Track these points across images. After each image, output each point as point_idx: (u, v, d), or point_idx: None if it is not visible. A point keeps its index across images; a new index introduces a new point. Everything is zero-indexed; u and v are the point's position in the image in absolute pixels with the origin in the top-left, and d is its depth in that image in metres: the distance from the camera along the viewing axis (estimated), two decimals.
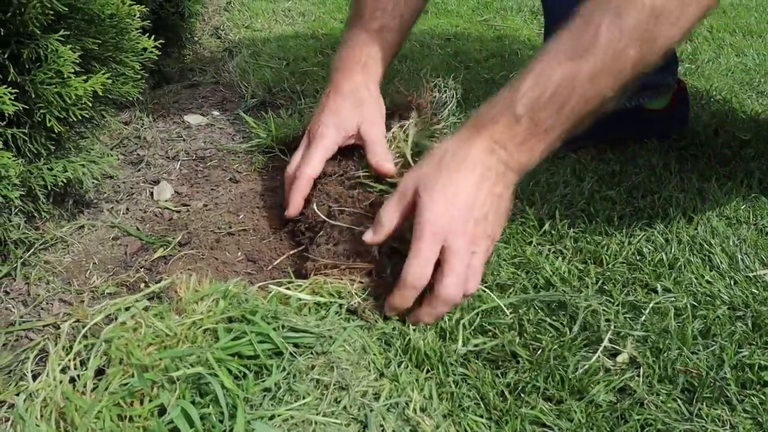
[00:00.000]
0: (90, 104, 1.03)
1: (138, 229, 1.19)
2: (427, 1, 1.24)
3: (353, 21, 1.19)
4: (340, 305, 0.91)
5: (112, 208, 1.25)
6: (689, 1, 0.84)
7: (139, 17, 1.13)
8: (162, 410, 0.73)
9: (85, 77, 1.01)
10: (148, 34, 1.17)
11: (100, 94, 1.02)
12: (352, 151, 1.18)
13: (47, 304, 1.00)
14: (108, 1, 1.02)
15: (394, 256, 0.96)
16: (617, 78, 0.86)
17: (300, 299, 0.91)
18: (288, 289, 0.94)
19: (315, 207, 1.08)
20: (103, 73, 1.03)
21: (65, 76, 0.98)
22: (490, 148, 0.89)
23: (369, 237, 0.93)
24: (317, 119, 1.16)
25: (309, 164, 1.12)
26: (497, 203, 0.90)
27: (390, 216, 0.92)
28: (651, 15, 0.83)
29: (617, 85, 0.87)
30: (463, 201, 0.87)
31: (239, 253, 1.12)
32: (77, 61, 0.98)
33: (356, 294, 0.93)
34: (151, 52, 1.16)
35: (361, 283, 0.95)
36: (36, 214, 1.10)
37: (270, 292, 0.93)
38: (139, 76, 1.16)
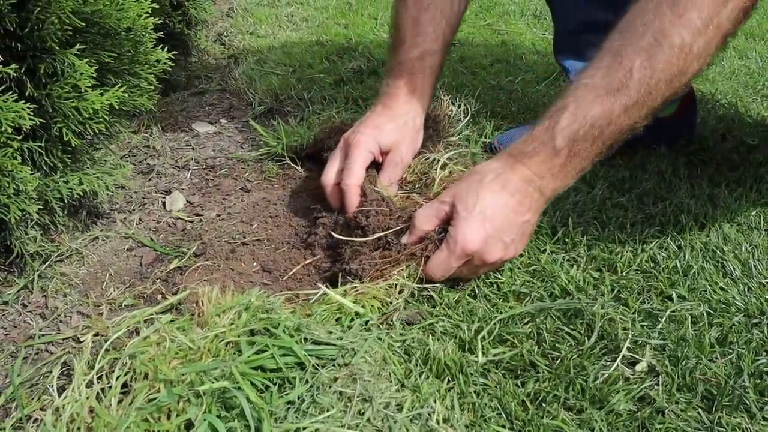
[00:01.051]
0: (106, 118, 1.03)
1: (152, 239, 1.19)
2: (464, 14, 1.27)
3: (397, 47, 1.21)
4: (360, 316, 0.92)
5: (125, 218, 1.25)
6: (713, 35, 0.89)
7: (152, 29, 1.14)
8: (189, 425, 0.73)
9: (101, 91, 1.02)
10: (159, 44, 1.18)
11: (116, 107, 1.03)
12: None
13: (65, 316, 1.01)
14: (124, 15, 1.03)
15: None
16: (649, 108, 0.93)
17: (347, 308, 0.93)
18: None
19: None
20: (119, 87, 1.04)
21: (82, 90, 0.98)
22: (529, 177, 0.96)
23: (405, 239, 1.03)
24: (357, 129, 1.19)
25: (353, 174, 1.14)
26: (526, 229, 1.00)
27: (425, 221, 1.00)
28: (680, 53, 0.89)
29: (648, 114, 0.94)
30: (498, 225, 0.96)
31: (254, 264, 1.12)
32: (93, 75, 0.99)
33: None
34: (165, 63, 1.17)
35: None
36: (52, 227, 1.11)
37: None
38: (153, 88, 1.16)
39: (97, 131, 1.02)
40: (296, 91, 1.75)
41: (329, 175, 1.18)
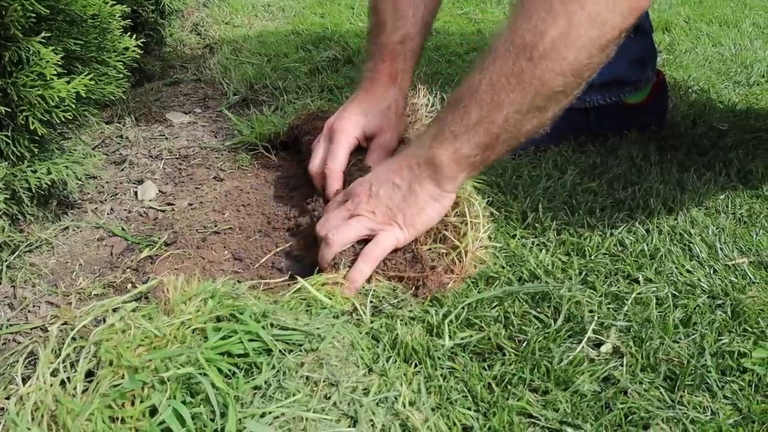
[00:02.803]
0: (73, 106, 1.02)
1: (123, 229, 1.19)
2: None
3: (378, 31, 1.21)
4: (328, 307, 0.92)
5: (96, 208, 1.25)
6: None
7: (120, 16, 1.13)
8: (153, 411, 0.73)
9: (67, 78, 1.01)
10: (128, 32, 1.17)
11: (83, 95, 1.02)
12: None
13: (34, 306, 1.00)
14: (89, 2, 1.02)
15: None
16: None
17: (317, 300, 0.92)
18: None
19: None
20: (86, 74, 1.03)
21: (48, 78, 0.98)
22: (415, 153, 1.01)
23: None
24: (341, 115, 1.19)
25: (336, 159, 1.15)
26: (398, 194, 1.00)
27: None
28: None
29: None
30: (373, 174, 1.04)
31: (225, 252, 1.12)
32: (59, 63, 0.98)
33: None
34: (133, 51, 1.16)
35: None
36: (20, 217, 1.10)
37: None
38: (122, 76, 1.16)
39: (64, 120, 1.02)
40: (271, 81, 1.74)
41: (315, 163, 1.19)
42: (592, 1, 0.85)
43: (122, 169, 1.38)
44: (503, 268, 1.02)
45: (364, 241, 1.00)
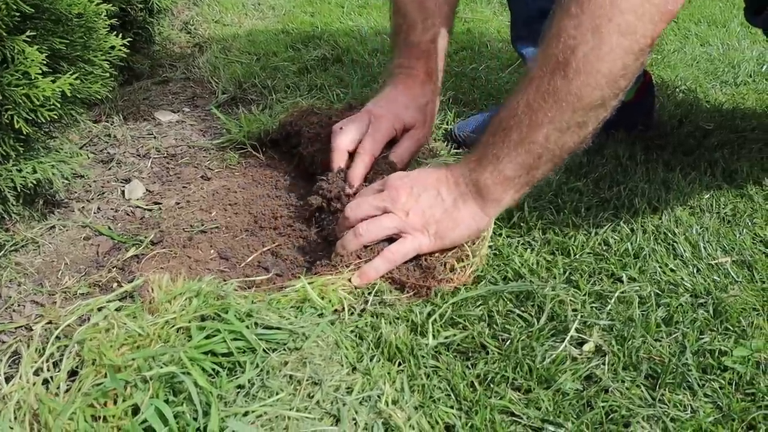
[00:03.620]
0: (58, 105, 1.02)
1: (109, 228, 1.19)
2: None
3: (408, 30, 1.21)
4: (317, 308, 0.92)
5: (83, 207, 1.24)
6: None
7: (106, 15, 1.13)
8: (136, 410, 0.73)
9: (53, 77, 1.01)
10: (116, 31, 1.17)
11: (69, 94, 1.02)
12: None
13: (19, 306, 1.00)
14: (75, 1, 1.02)
15: None
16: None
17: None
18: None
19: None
20: (72, 74, 1.03)
21: (32, 77, 0.97)
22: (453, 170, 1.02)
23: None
24: (379, 103, 1.20)
25: (375, 142, 1.14)
26: (438, 202, 0.99)
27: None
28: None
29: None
30: (413, 177, 1.02)
31: (212, 251, 1.12)
32: (44, 62, 0.98)
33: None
34: (120, 50, 1.16)
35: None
36: (6, 216, 1.10)
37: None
38: (108, 75, 1.16)
39: (49, 119, 1.02)
40: (260, 80, 1.74)
41: (345, 140, 1.15)
42: (620, 12, 0.85)
43: (110, 168, 1.38)
44: (489, 267, 1.02)
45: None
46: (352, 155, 1.16)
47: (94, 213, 1.23)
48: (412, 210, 0.99)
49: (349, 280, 0.97)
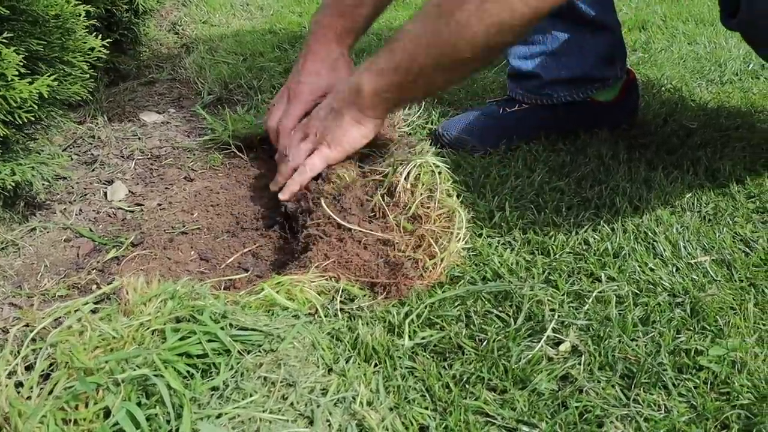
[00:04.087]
0: (36, 106, 1.02)
1: (91, 230, 1.19)
2: None
3: None
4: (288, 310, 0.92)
5: (64, 209, 1.24)
6: None
7: (86, 16, 1.12)
8: (108, 413, 0.73)
9: (30, 79, 1.01)
10: (99, 32, 1.17)
11: (47, 96, 1.02)
12: None
13: None
14: (52, 2, 1.02)
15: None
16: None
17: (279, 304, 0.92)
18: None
19: (324, 205, 1.08)
20: (49, 75, 1.03)
21: (9, 78, 0.97)
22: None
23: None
24: (296, 78, 1.29)
25: (291, 118, 1.25)
26: (337, 114, 1.13)
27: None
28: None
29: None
30: None
31: (192, 253, 1.12)
32: (21, 63, 0.98)
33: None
34: (99, 51, 1.16)
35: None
36: None
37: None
38: (88, 76, 1.15)
39: (26, 120, 1.01)
40: (246, 80, 1.74)
41: (272, 120, 1.29)
42: None
43: (93, 170, 1.38)
44: (468, 267, 1.02)
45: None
46: None
47: (76, 215, 1.23)
48: (317, 128, 1.15)
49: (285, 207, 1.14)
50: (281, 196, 1.14)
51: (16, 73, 0.97)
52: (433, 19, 0.99)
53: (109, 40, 1.17)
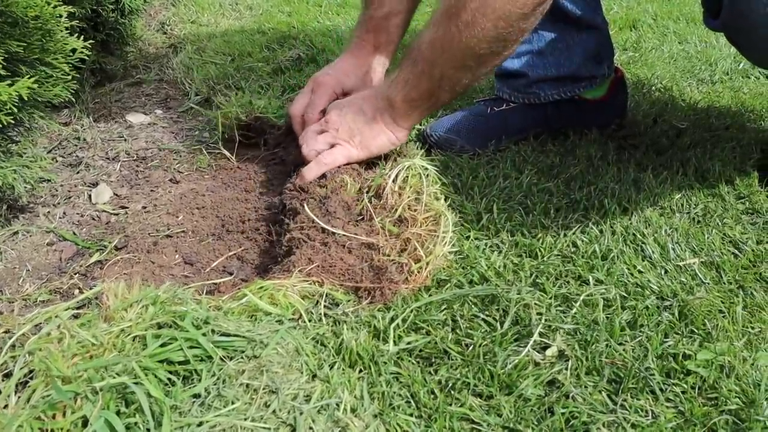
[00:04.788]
0: (16, 109, 1.00)
1: (74, 233, 1.17)
2: None
3: (367, 3, 1.31)
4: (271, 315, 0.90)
5: (48, 212, 1.23)
6: None
7: (70, 17, 1.11)
8: (86, 422, 0.72)
9: (10, 81, 0.99)
10: (85, 32, 1.15)
11: (27, 98, 1.00)
12: None
13: None
14: (31, 3, 1.00)
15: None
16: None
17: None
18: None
19: (308, 209, 1.06)
20: (30, 77, 1.01)
21: None
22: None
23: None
24: (326, 72, 1.32)
25: (315, 109, 1.26)
26: (369, 117, 1.15)
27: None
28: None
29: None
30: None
31: (176, 256, 1.11)
32: (1, 66, 0.96)
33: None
34: (81, 52, 1.14)
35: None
36: None
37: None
38: (70, 77, 1.14)
39: (6, 123, 1.00)
40: (234, 81, 1.73)
41: (297, 107, 1.30)
42: None
43: (77, 172, 1.36)
44: (455, 270, 1.01)
45: None
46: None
47: (60, 218, 1.21)
48: (340, 126, 1.16)
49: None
50: (295, 181, 1.15)
51: None
52: (443, 23, 1.02)
53: (94, 41, 1.15)
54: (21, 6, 0.98)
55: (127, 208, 1.24)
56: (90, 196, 1.29)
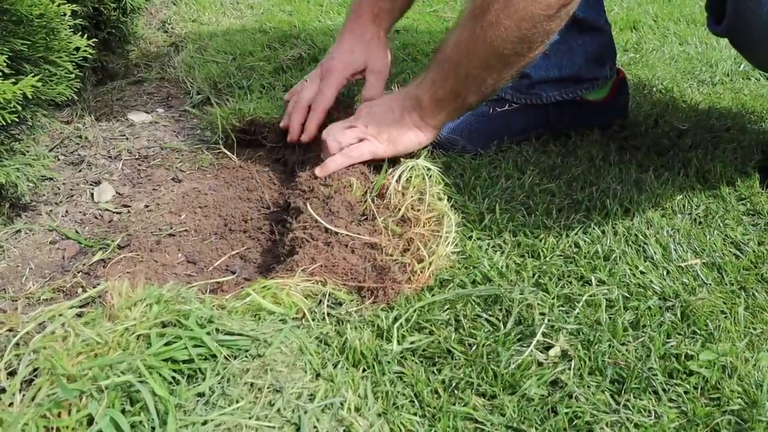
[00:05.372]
0: (20, 107, 1.00)
1: (77, 232, 1.17)
2: None
3: None
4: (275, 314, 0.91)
5: (50, 210, 1.23)
6: None
7: (72, 15, 1.11)
8: (91, 420, 0.72)
9: (14, 79, 0.99)
10: (87, 31, 1.15)
11: (31, 97, 1.00)
12: None
13: None
14: (36, 2, 1.00)
15: None
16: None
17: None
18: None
19: (311, 209, 1.07)
20: (34, 75, 1.01)
21: None
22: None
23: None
24: (330, 55, 1.33)
25: (324, 99, 1.28)
26: (398, 115, 1.16)
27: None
28: None
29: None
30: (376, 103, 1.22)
31: (179, 255, 1.11)
32: (5, 64, 0.96)
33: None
34: (85, 50, 1.14)
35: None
36: None
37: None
38: (73, 76, 1.14)
39: (10, 121, 1.00)
40: (235, 80, 1.72)
41: (306, 95, 1.30)
42: None
43: (80, 170, 1.36)
44: (457, 270, 1.01)
45: None
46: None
47: (62, 216, 1.22)
48: (369, 122, 1.17)
49: (315, 176, 1.15)
50: (317, 171, 1.14)
51: (0, 73, 0.96)
52: (469, 24, 1.03)
53: (96, 39, 1.16)
54: (26, 4, 0.98)
55: (130, 206, 1.24)
56: (92, 194, 1.29)
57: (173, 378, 0.78)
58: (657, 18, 2.28)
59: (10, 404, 0.75)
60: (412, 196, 1.07)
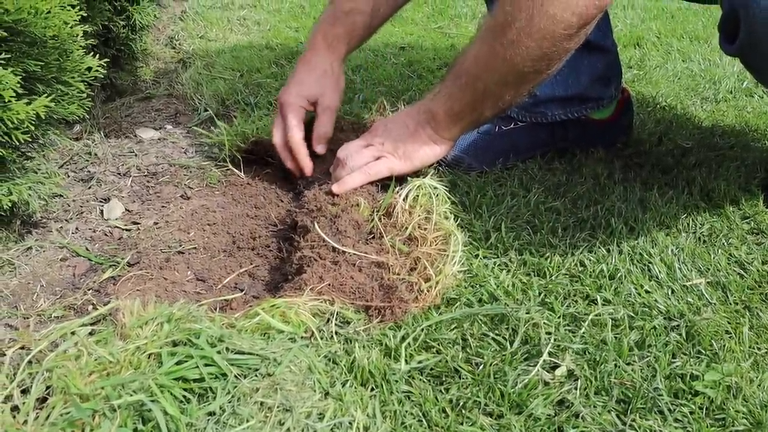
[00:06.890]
0: (33, 127, 1.02)
1: (87, 249, 1.18)
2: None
3: (332, 1, 1.35)
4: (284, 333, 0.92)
5: (61, 227, 1.24)
6: None
7: (84, 36, 1.13)
8: None
9: (27, 100, 1.01)
10: (96, 48, 1.17)
11: (44, 117, 1.02)
12: None
13: None
14: (49, 24, 1.02)
15: None
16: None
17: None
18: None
19: (318, 228, 1.07)
20: (47, 96, 1.03)
21: (6, 100, 0.97)
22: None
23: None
24: (285, 89, 1.34)
25: (293, 130, 1.30)
26: (412, 130, 1.17)
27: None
28: None
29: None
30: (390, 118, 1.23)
31: (188, 273, 1.12)
32: (19, 84, 0.98)
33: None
34: (97, 70, 1.16)
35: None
36: None
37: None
38: (85, 95, 1.16)
39: (23, 141, 1.01)
40: (242, 96, 1.74)
41: (277, 137, 1.33)
42: (549, 2, 0.96)
43: (89, 187, 1.38)
44: (464, 289, 1.02)
45: None
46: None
47: (72, 233, 1.23)
48: (385, 139, 1.17)
49: (330, 193, 1.15)
50: (335, 188, 1.15)
51: (13, 94, 0.97)
52: (489, 40, 1.04)
53: (106, 59, 1.17)
54: (40, 26, 1.00)
55: (139, 223, 1.26)
56: (102, 211, 1.30)
57: (184, 397, 0.79)
58: (660, 35, 2.29)
59: (24, 422, 0.76)
60: (419, 215, 1.08)
